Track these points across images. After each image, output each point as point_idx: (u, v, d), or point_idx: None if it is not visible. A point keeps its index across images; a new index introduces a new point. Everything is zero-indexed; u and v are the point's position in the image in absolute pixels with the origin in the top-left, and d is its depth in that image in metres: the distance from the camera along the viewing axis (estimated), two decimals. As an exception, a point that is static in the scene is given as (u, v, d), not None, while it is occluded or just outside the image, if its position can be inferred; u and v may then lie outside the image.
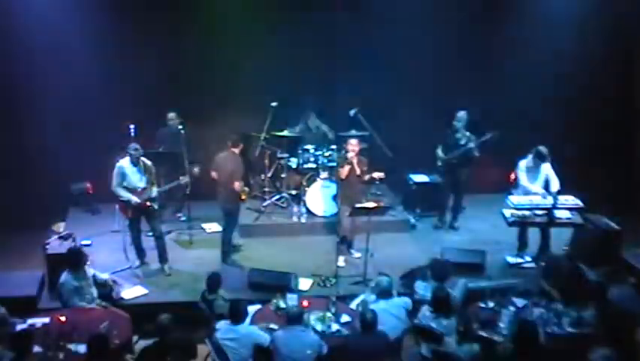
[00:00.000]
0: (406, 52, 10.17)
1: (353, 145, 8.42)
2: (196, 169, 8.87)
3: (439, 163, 9.46)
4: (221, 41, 9.72)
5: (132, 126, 8.73)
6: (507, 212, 8.42)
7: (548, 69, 10.26)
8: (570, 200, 8.28)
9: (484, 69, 10.19)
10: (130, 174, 7.93)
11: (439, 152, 9.42)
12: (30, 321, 6.40)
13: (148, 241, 8.42)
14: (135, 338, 6.64)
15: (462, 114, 9.27)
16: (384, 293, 6.66)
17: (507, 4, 10.14)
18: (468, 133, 9.29)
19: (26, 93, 9.40)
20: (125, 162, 7.96)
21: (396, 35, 10.07)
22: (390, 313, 6.46)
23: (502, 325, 6.38)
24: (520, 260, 8.64)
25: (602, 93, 10.30)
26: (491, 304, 6.71)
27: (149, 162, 8.10)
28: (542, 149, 8.38)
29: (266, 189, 9.98)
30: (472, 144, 9.17)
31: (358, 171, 8.46)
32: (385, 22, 10.02)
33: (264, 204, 9.80)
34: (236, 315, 6.18)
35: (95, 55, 9.34)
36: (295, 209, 9.63)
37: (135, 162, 7.94)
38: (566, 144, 9.18)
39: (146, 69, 9.52)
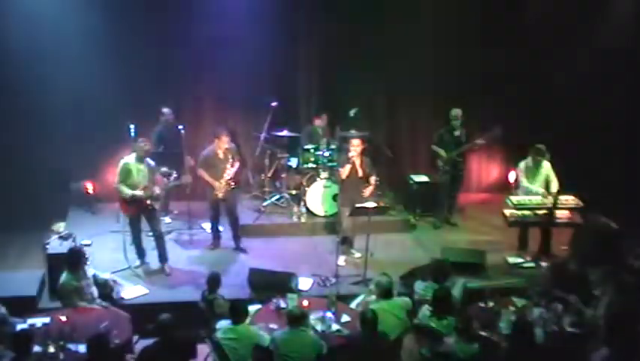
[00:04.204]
0: (406, 51, 10.20)
1: (355, 145, 8.41)
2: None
3: (441, 163, 9.44)
4: (221, 41, 9.71)
5: (132, 126, 8.73)
6: (507, 212, 8.43)
7: (549, 69, 10.27)
8: (570, 200, 8.29)
9: (484, 69, 10.19)
10: (134, 171, 7.92)
11: (442, 152, 9.40)
12: (30, 321, 6.39)
13: (148, 241, 8.42)
14: (135, 338, 6.63)
15: (458, 111, 9.30)
16: (384, 293, 6.65)
17: (507, 4, 10.15)
18: (464, 130, 9.32)
19: (26, 93, 9.39)
20: (130, 159, 7.94)
21: (396, 34, 10.11)
22: (391, 313, 6.46)
23: (502, 325, 6.38)
24: (520, 260, 8.64)
25: (602, 92, 10.31)
26: (491, 304, 6.71)
27: (152, 163, 8.10)
28: (540, 146, 8.41)
29: (266, 189, 9.98)
30: (480, 140, 9.17)
31: (361, 173, 8.45)
32: (386, 21, 10.04)
33: (264, 204, 9.80)
34: (237, 315, 6.18)
35: (95, 55, 9.33)
36: (295, 209, 9.63)
37: (140, 160, 7.95)
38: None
39: (146, 69, 9.52)
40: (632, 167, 10.19)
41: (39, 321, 6.39)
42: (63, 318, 6.23)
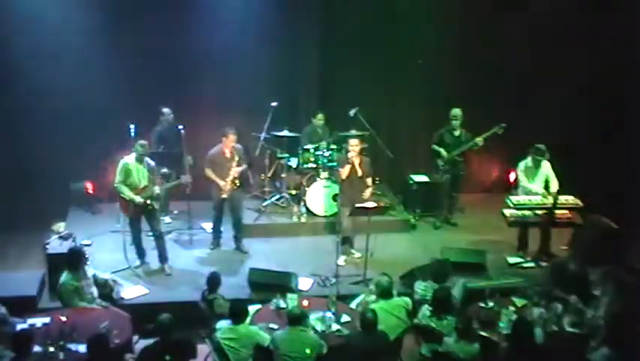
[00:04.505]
0: (406, 51, 10.19)
1: (353, 145, 8.42)
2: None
3: (441, 163, 9.45)
4: (221, 41, 9.72)
5: (132, 126, 8.73)
6: (507, 212, 8.43)
7: (548, 69, 10.27)
8: (570, 200, 8.29)
9: (484, 68, 10.19)
10: (134, 171, 7.93)
11: (442, 151, 9.42)
12: (30, 321, 6.40)
13: (148, 241, 8.42)
14: (135, 338, 6.64)
15: (458, 111, 9.31)
16: (384, 293, 6.66)
17: (508, 4, 10.15)
18: (464, 130, 9.33)
19: (26, 93, 9.40)
20: (129, 159, 7.96)
21: (395, 34, 10.10)
22: (391, 314, 6.47)
23: (502, 325, 6.38)
24: (520, 260, 8.64)
25: (602, 92, 10.31)
26: (491, 304, 6.71)
27: (152, 162, 8.11)
28: (540, 146, 8.41)
29: (266, 189, 9.98)
30: (479, 139, 9.18)
31: (360, 172, 8.46)
32: (386, 21, 10.03)
33: (264, 204, 9.80)
34: (237, 315, 6.18)
35: (95, 55, 9.35)
36: (295, 209, 9.63)
37: (140, 160, 7.95)
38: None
39: (146, 69, 9.52)
40: (632, 167, 10.18)
41: (39, 321, 6.40)
42: (63, 318, 6.23)
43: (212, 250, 8.89)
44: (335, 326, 6.47)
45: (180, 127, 8.88)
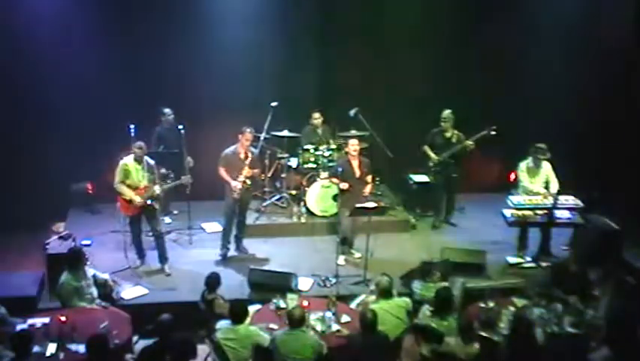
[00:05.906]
0: (406, 51, 10.20)
1: (352, 145, 8.42)
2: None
3: (431, 164, 9.45)
4: (221, 41, 9.72)
5: (132, 126, 8.73)
6: (507, 212, 8.43)
7: (548, 69, 10.28)
8: (570, 200, 8.30)
9: (484, 68, 10.19)
10: (133, 171, 7.94)
11: (431, 154, 9.41)
12: (30, 321, 6.40)
13: (148, 241, 8.42)
14: (135, 338, 6.64)
15: (448, 113, 9.30)
16: (384, 293, 6.66)
17: (507, 4, 10.14)
18: (456, 131, 9.31)
19: (26, 93, 9.41)
20: (128, 160, 7.97)
21: (395, 34, 10.11)
22: (391, 314, 6.47)
23: (502, 325, 6.38)
24: (520, 260, 8.64)
25: (601, 93, 10.31)
26: (491, 304, 6.71)
27: (152, 161, 8.11)
28: (541, 145, 8.41)
29: (266, 189, 9.98)
30: (469, 142, 9.17)
31: (359, 173, 8.46)
32: (385, 21, 10.04)
33: (264, 204, 9.80)
34: (236, 315, 6.18)
35: (95, 55, 9.35)
36: (295, 209, 9.63)
37: (139, 160, 7.95)
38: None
39: (147, 69, 9.53)
40: (632, 167, 10.19)
41: (39, 321, 6.40)
42: (63, 318, 6.22)
43: (213, 251, 8.81)
44: (335, 326, 6.47)
45: (180, 127, 8.89)
